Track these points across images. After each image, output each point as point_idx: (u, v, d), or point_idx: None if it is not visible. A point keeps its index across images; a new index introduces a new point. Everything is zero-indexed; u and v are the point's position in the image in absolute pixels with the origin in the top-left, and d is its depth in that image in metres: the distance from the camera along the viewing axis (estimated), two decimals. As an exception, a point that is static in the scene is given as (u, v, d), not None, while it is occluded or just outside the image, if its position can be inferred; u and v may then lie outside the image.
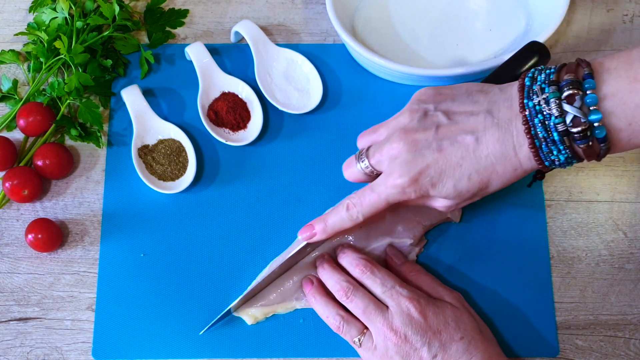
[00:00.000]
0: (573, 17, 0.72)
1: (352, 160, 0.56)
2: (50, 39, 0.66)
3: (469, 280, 0.63)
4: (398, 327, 0.54)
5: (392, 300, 0.55)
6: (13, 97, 0.68)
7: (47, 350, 0.62)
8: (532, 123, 0.47)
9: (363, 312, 0.56)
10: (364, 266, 0.57)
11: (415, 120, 0.52)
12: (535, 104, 0.47)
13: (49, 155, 0.64)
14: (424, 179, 0.51)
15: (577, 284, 0.63)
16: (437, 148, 0.50)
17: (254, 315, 0.61)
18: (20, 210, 0.66)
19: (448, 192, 0.51)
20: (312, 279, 0.60)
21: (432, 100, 0.53)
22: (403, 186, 0.51)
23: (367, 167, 0.55)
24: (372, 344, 0.55)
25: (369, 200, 0.53)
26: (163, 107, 0.69)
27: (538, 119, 0.46)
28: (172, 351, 0.61)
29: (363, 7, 0.71)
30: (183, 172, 0.65)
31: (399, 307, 0.55)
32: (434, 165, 0.50)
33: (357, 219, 0.55)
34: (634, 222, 0.65)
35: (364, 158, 0.55)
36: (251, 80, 0.68)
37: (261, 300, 0.61)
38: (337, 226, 0.56)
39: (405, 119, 0.53)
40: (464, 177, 0.50)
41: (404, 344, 0.54)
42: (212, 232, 0.64)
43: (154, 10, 0.71)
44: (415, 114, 0.53)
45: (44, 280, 0.63)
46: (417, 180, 0.51)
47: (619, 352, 0.62)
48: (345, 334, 0.57)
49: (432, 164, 0.50)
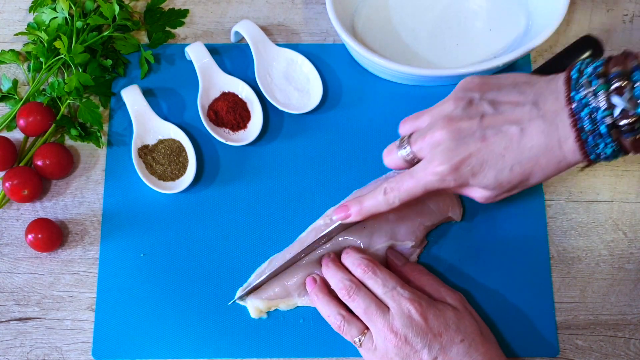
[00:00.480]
0: (573, 17, 0.72)
1: (393, 148, 0.56)
2: (50, 39, 0.66)
3: (470, 280, 0.63)
4: (398, 328, 0.54)
5: (393, 301, 0.55)
6: (13, 97, 0.68)
7: (47, 350, 0.62)
8: (578, 116, 0.46)
9: (364, 312, 0.56)
10: (365, 266, 0.57)
11: (459, 109, 0.52)
12: (583, 97, 0.46)
13: (49, 155, 0.64)
14: (465, 167, 0.51)
15: (577, 284, 0.63)
16: (481, 137, 0.50)
17: (258, 307, 0.61)
18: (20, 210, 0.66)
19: (488, 182, 0.51)
20: (316, 278, 0.60)
21: (477, 89, 0.53)
22: (443, 174, 0.51)
23: (408, 154, 0.54)
24: (372, 344, 0.55)
25: (407, 186, 0.53)
26: (163, 107, 0.69)
27: (585, 112, 0.46)
28: (172, 351, 0.61)
29: (363, 7, 0.70)
30: (183, 172, 0.65)
31: (400, 308, 0.55)
32: (477, 155, 0.50)
33: (393, 203, 0.54)
34: (634, 222, 0.65)
35: (406, 145, 0.54)
36: (251, 80, 0.68)
37: (264, 293, 0.61)
38: (372, 209, 0.55)
39: (449, 107, 0.53)
40: (506, 168, 0.50)
41: (404, 346, 0.54)
42: (212, 232, 0.64)
43: (154, 10, 0.71)
44: (460, 102, 0.52)
45: (44, 280, 0.64)
46: (458, 168, 0.51)
47: (619, 352, 0.62)
48: (346, 333, 0.57)
49: (475, 153, 0.50)
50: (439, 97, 0.68)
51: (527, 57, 0.70)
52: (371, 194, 0.56)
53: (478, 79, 0.54)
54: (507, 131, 0.49)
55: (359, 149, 0.66)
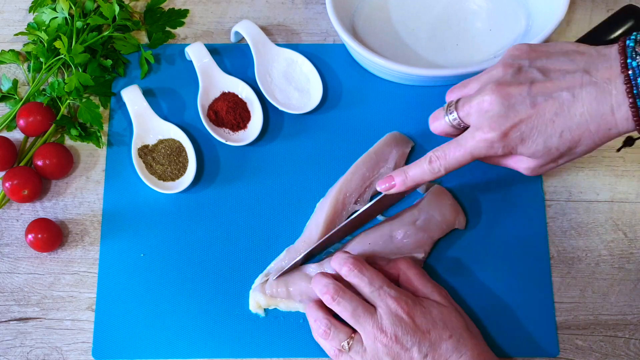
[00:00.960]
0: (573, 17, 0.72)
1: (440, 113, 0.55)
2: (50, 39, 0.66)
3: (470, 280, 0.63)
4: (388, 327, 0.54)
5: (381, 300, 0.55)
6: (13, 97, 0.68)
7: (47, 350, 0.62)
8: (635, 82, 0.47)
9: (351, 315, 0.55)
10: (351, 264, 0.56)
11: (509, 75, 0.52)
12: (639, 65, 0.46)
13: (49, 155, 0.64)
14: (515, 133, 0.50)
15: (577, 284, 0.63)
16: (531, 103, 0.50)
17: (259, 302, 0.61)
18: (20, 210, 0.66)
19: (537, 148, 0.51)
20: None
21: (526, 56, 0.52)
22: (492, 140, 0.51)
23: (455, 119, 0.54)
24: (361, 346, 0.55)
25: (453, 154, 0.53)
26: (163, 107, 0.69)
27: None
28: (172, 351, 0.61)
29: (363, 7, 0.71)
30: (183, 172, 0.65)
31: (388, 308, 0.54)
32: (527, 121, 0.50)
33: (438, 172, 0.54)
34: (634, 222, 0.65)
35: (453, 110, 0.54)
36: (251, 80, 0.68)
37: (269, 289, 0.61)
38: (417, 178, 0.55)
39: (498, 73, 0.52)
40: (555, 134, 0.50)
41: (394, 345, 0.53)
42: (212, 232, 0.64)
43: (154, 10, 0.71)
44: (509, 68, 0.52)
45: (44, 280, 0.63)
46: (507, 134, 0.50)
47: (619, 352, 0.62)
48: (334, 338, 0.56)
49: (525, 119, 0.50)
50: (439, 97, 0.68)
51: (527, 57, 0.70)
52: (416, 163, 0.55)
53: (526, 46, 0.54)
54: (559, 97, 0.49)
55: (359, 149, 0.66)
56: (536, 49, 0.53)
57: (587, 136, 0.50)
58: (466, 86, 0.55)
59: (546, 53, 0.52)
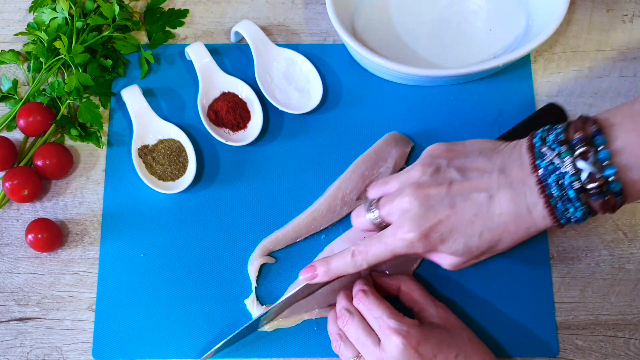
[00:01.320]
0: (573, 17, 0.72)
1: (362, 210, 0.56)
2: (50, 39, 0.66)
3: (469, 280, 0.63)
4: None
5: (382, 333, 0.54)
6: (13, 97, 0.68)
7: (47, 350, 0.62)
8: (546, 183, 0.47)
9: (356, 342, 0.55)
10: (359, 292, 0.57)
11: (427, 175, 0.52)
12: (548, 164, 0.47)
13: (49, 155, 0.64)
14: (435, 234, 0.51)
15: (577, 284, 0.63)
16: (450, 204, 0.50)
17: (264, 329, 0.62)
18: (20, 210, 0.66)
19: (457, 248, 0.51)
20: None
21: (444, 156, 0.53)
22: (412, 240, 0.51)
23: (376, 217, 0.54)
24: None
25: (375, 250, 0.53)
26: (163, 107, 0.69)
27: (552, 178, 0.46)
28: (172, 351, 0.61)
29: (363, 7, 0.71)
30: (183, 172, 0.65)
31: (389, 342, 0.53)
32: (446, 221, 0.50)
33: (360, 266, 0.54)
34: (634, 222, 0.65)
35: (374, 209, 0.54)
36: (251, 80, 0.68)
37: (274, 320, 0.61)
38: (340, 271, 0.55)
39: (417, 173, 0.53)
40: (475, 234, 0.50)
41: None
42: (212, 232, 0.64)
43: (154, 10, 0.71)
44: (427, 168, 0.53)
45: (44, 280, 0.64)
46: (427, 235, 0.51)
47: (619, 352, 0.62)
48: (342, 353, 0.56)
49: (444, 220, 0.50)
50: (439, 97, 0.68)
51: (527, 57, 0.70)
52: (339, 255, 0.55)
53: (444, 145, 0.54)
54: (476, 198, 0.50)
55: (359, 149, 0.66)
56: (454, 148, 0.54)
57: (507, 235, 0.50)
58: (387, 183, 0.56)
59: (464, 152, 0.53)
